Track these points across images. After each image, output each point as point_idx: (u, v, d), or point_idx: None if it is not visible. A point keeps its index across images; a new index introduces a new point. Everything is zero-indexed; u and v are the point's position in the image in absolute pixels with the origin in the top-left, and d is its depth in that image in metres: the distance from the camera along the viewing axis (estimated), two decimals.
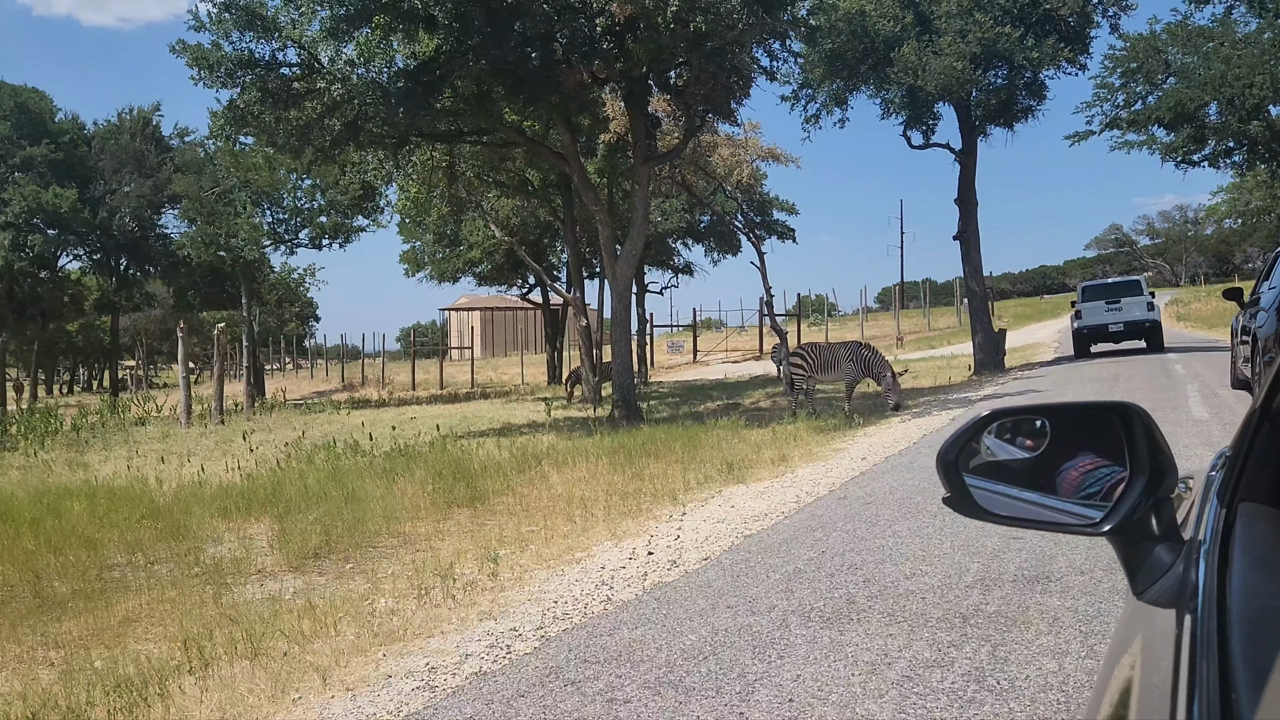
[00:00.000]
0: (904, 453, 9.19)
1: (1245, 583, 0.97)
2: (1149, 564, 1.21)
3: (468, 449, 12.90)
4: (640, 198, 17.73)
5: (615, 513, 8.20)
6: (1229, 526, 1.13)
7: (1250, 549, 1.04)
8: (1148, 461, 1.27)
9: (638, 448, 11.61)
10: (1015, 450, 1.53)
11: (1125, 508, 1.25)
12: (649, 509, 8.19)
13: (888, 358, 37.09)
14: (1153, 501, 1.25)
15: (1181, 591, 1.08)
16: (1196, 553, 1.13)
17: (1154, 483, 1.25)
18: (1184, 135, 28.22)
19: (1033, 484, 1.45)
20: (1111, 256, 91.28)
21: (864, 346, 15.61)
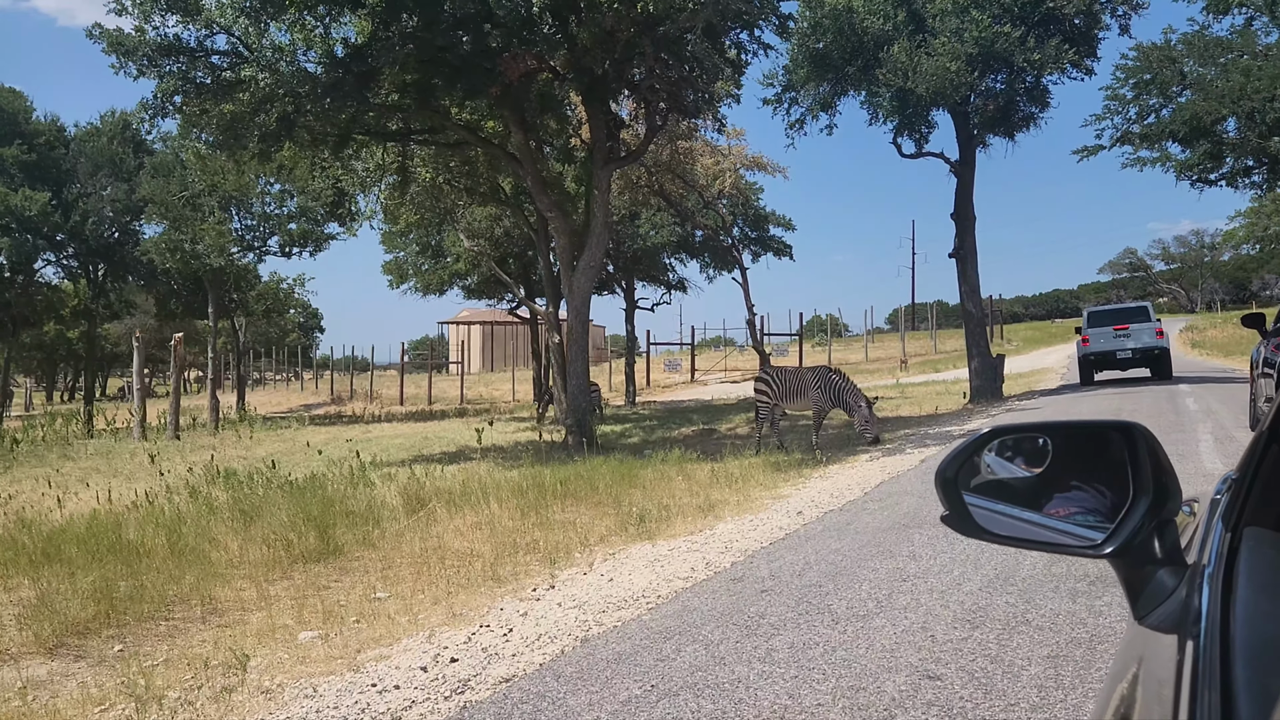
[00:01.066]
0: (848, 507, 7.55)
1: (1250, 609, 0.95)
2: (1151, 588, 1.19)
3: (374, 481, 11.31)
4: (600, 204, 16.17)
5: (480, 578, 6.61)
6: (1233, 551, 1.11)
7: (1255, 575, 1.03)
8: (1151, 482, 1.25)
9: (560, 486, 10.01)
10: (1016, 468, 1.49)
11: (1128, 530, 1.23)
12: (520, 575, 6.59)
13: (889, 380, 35.34)
14: (1156, 524, 1.23)
15: (1184, 617, 1.06)
16: (1200, 577, 1.11)
17: (1157, 504, 1.24)
18: (1200, 152, 26.53)
19: (1034, 503, 1.40)
20: (1126, 281, 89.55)
21: (834, 372, 13.88)
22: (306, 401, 51.17)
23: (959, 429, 13.98)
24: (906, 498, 7.62)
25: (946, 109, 19.37)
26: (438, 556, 7.57)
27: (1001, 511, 1.39)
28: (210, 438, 26.49)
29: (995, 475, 1.48)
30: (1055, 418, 13.27)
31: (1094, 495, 1.37)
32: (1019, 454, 1.52)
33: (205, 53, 15.42)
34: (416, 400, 45.43)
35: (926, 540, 5.74)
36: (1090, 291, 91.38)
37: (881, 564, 5.19)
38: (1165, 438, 10.73)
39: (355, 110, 16.17)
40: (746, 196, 37.45)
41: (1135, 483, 1.27)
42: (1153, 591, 1.18)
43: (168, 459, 19.42)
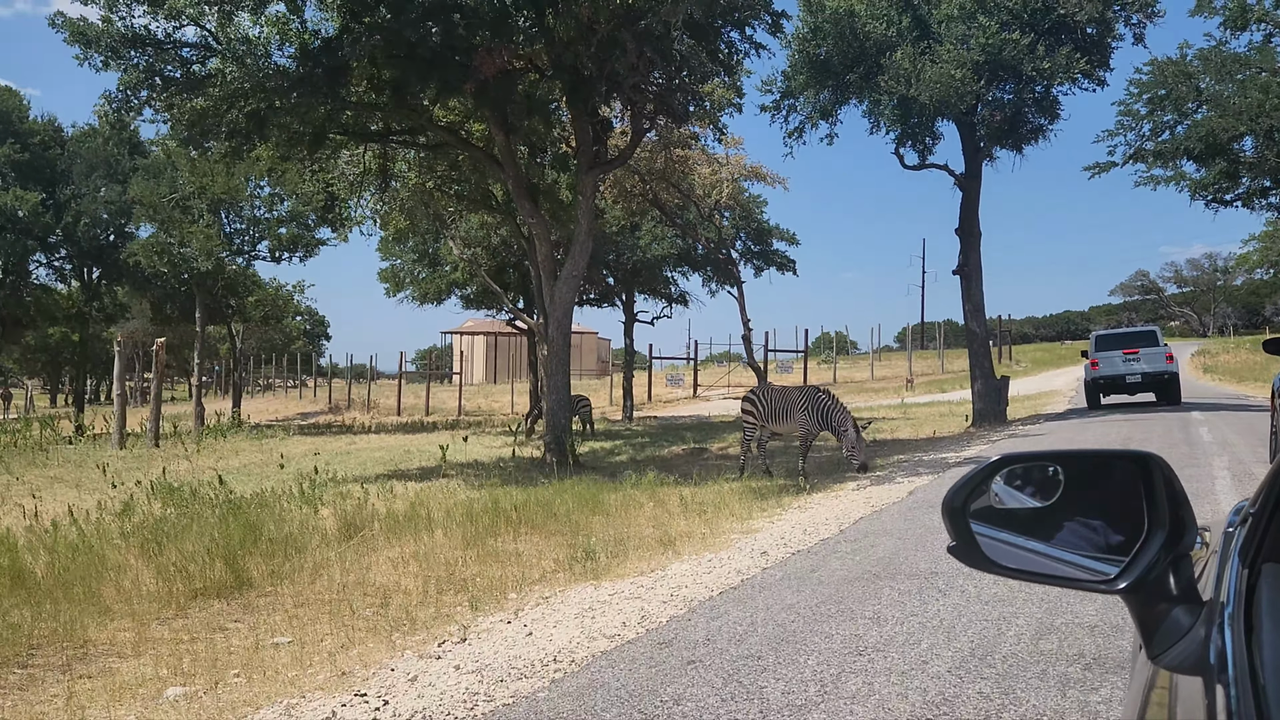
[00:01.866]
0: (818, 548, 6.69)
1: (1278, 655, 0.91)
2: (1166, 626, 1.15)
3: (321, 501, 10.50)
4: (584, 210, 15.40)
5: (394, 621, 5.79)
6: (1252, 588, 1.08)
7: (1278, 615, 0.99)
8: (1167, 516, 1.21)
9: (515, 512, 9.19)
10: (1026, 498, 1.44)
11: (1142, 564, 1.20)
12: (437, 620, 5.77)
13: (894, 400, 34.47)
14: (1171, 559, 1.19)
15: (1203, 658, 1.04)
16: (1220, 617, 1.08)
17: (1173, 539, 1.20)
18: (1216, 171, 25.68)
19: (1044, 534, 1.36)
20: (1138, 304, 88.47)
21: (821, 392, 12.80)
22: (304, 410, 50.52)
23: (956, 455, 13.11)
24: (884, 539, 6.77)
25: (952, 119, 18.56)
26: (360, 592, 6.76)
27: (1010, 543, 1.35)
28: (191, 446, 25.84)
29: (1004, 505, 1.43)
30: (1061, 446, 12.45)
31: (1106, 528, 1.32)
32: (1029, 483, 1.47)
33: (174, 45, 14.76)
34: (415, 410, 44.73)
35: (896, 598, 4.89)
36: (1101, 314, 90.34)
37: (838, 629, 4.35)
38: (1180, 472, 9.79)
39: (330, 108, 15.47)
40: (749, 209, 36.71)
41: (1150, 516, 1.24)
42: (1168, 629, 1.15)
43: (134, 469, 18.72)
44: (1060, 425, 17.24)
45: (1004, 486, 1.46)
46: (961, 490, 1.35)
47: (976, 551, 1.32)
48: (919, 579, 5.27)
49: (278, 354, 70.64)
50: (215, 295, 33.95)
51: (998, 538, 1.35)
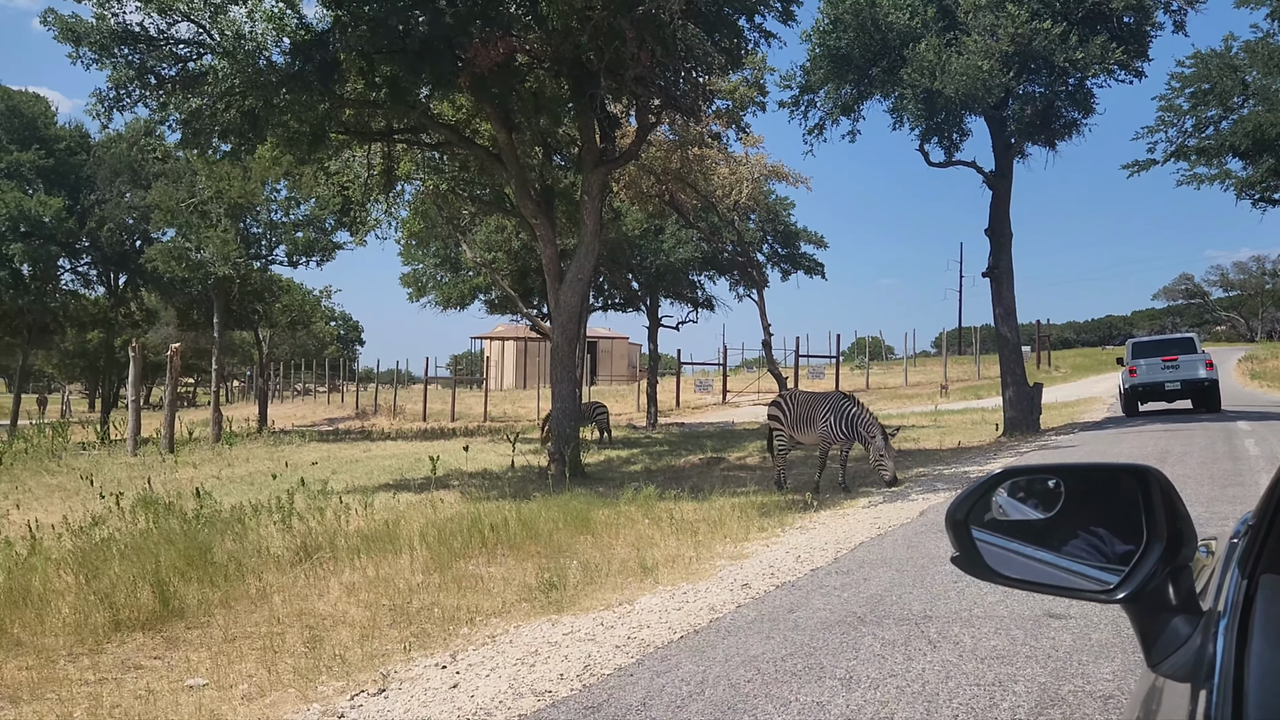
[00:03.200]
0: (804, 581, 5.93)
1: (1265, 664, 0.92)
2: (1166, 635, 1.18)
3: (299, 515, 9.91)
4: (590, 210, 14.74)
5: (322, 663, 5.15)
6: (1249, 599, 1.09)
7: (1271, 625, 1.00)
8: (1165, 527, 1.23)
9: (492, 532, 8.54)
10: (1028, 510, 1.47)
11: (1141, 575, 1.22)
12: (367, 663, 5.12)
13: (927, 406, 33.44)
14: (1170, 570, 1.21)
15: (1198, 666, 1.05)
16: (1215, 626, 1.10)
17: (1172, 550, 1.22)
18: (1263, 168, 24.48)
19: (1046, 545, 1.38)
20: (1182, 308, 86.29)
21: (846, 399, 11.92)
22: (331, 415, 50.42)
23: (979, 469, 12.25)
24: (881, 570, 6.00)
25: (980, 114, 17.67)
26: (303, 624, 6.13)
27: (1013, 553, 1.36)
28: (204, 453, 25.62)
29: (1007, 516, 1.44)
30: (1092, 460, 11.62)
31: (1107, 539, 1.33)
32: (1031, 495, 1.48)
33: (166, 41, 14.33)
34: (441, 416, 44.40)
35: (877, 650, 4.15)
36: (1144, 318, 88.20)
37: (799, 693, 3.62)
38: (1222, 492, 8.99)
39: (329, 106, 14.98)
40: (775, 211, 35.87)
41: (1149, 527, 1.26)
42: (1167, 639, 1.17)
43: (141, 478, 18.40)
44: (1095, 436, 16.28)
45: (1007, 498, 1.47)
46: (965, 502, 1.37)
47: (979, 562, 1.34)
48: (909, 625, 4.52)
49: (311, 359, 70.73)
50: (234, 300, 33.74)
51: (1000, 549, 1.36)
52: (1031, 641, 4.08)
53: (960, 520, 1.36)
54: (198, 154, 16.61)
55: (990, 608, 4.75)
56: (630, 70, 12.01)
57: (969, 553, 1.35)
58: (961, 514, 1.37)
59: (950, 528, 1.36)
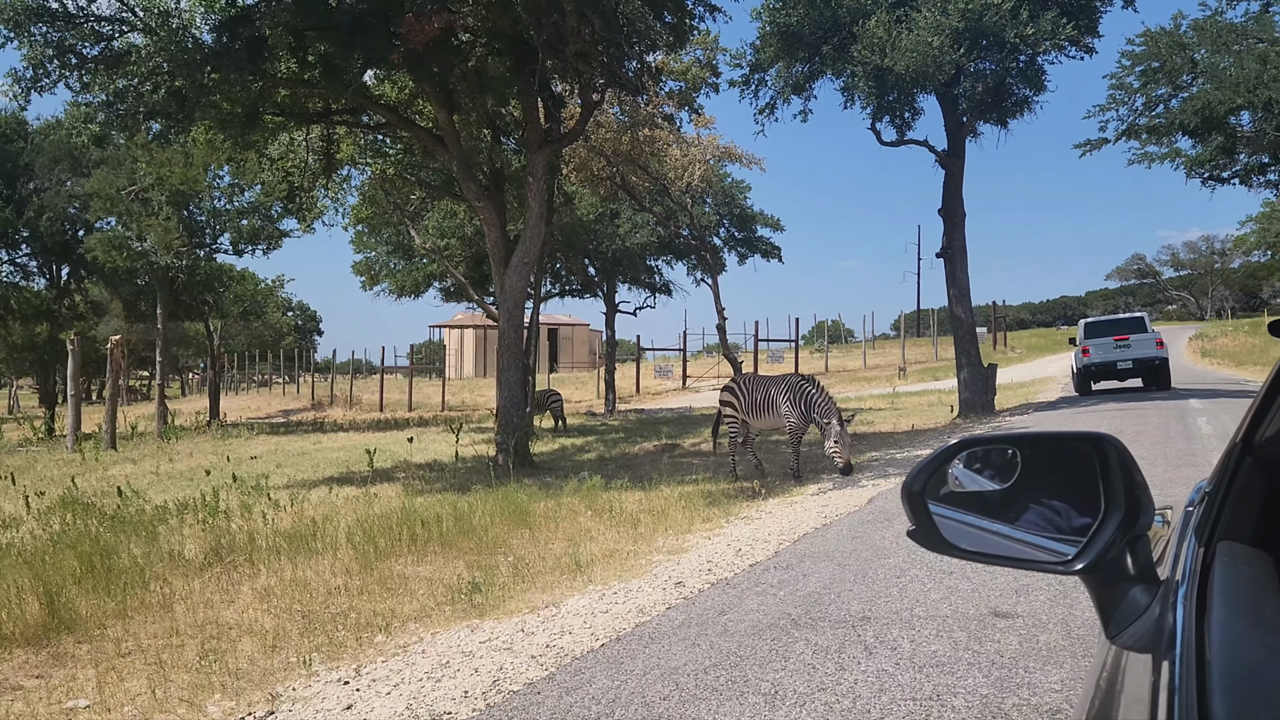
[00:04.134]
0: (739, 578, 5.58)
1: (1226, 632, 0.92)
2: (1124, 605, 1.17)
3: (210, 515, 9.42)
4: (535, 192, 14.28)
5: (216, 680, 4.73)
6: (1207, 567, 1.09)
7: (1230, 594, 1.00)
8: (1123, 496, 1.22)
9: (422, 529, 8.13)
10: (985, 481, 1.45)
11: (1099, 545, 1.20)
12: (265, 678, 4.71)
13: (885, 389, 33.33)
14: (1128, 539, 1.20)
15: (1158, 636, 1.04)
16: (1174, 595, 1.09)
17: (1130, 519, 1.21)
18: (1212, 146, 24.58)
19: (1003, 517, 1.36)
20: (1135, 288, 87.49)
21: (805, 380, 11.25)
22: (287, 407, 49.47)
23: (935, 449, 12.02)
24: (822, 564, 5.69)
25: (932, 92, 17.43)
26: (204, 636, 5.69)
27: (970, 526, 1.34)
28: (148, 448, 24.90)
29: (964, 488, 1.42)
30: None
31: (1065, 509, 1.32)
32: (988, 466, 1.46)
33: (87, 18, 13.64)
34: (398, 406, 43.68)
35: (809, 659, 3.81)
36: (1098, 298, 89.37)
37: (720, 713, 3.27)
38: (1176, 473, 8.79)
39: (262, 86, 14.38)
40: (731, 194, 35.57)
41: (1107, 497, 1.24)
42: (1126, 609, 1.16)
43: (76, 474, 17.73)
44: (1049, 416, 16.17)
45: (964, 470, 1.45)
46: (920, 474, 1.34)
47: (935, 535, 1.31)
48: (845, 628, 4.19)
49: (268, 350, 69.41)
50: (180, 291, 32.80)
51: (957, 521, 1.33)
52: (975, 645, 3.77)
53: (916, 493, 1.32)
54: (127, 137, 15.91)
55: (933, 606, 4.45)
56: (571, 45, 11.56)
57: (925, 526, 1.32)
58: (918, 486, 1.33)
59: (906, 500, 1.32)
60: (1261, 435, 1.14)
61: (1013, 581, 4.72)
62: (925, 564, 5.37)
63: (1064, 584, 4.54)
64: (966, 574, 4.98)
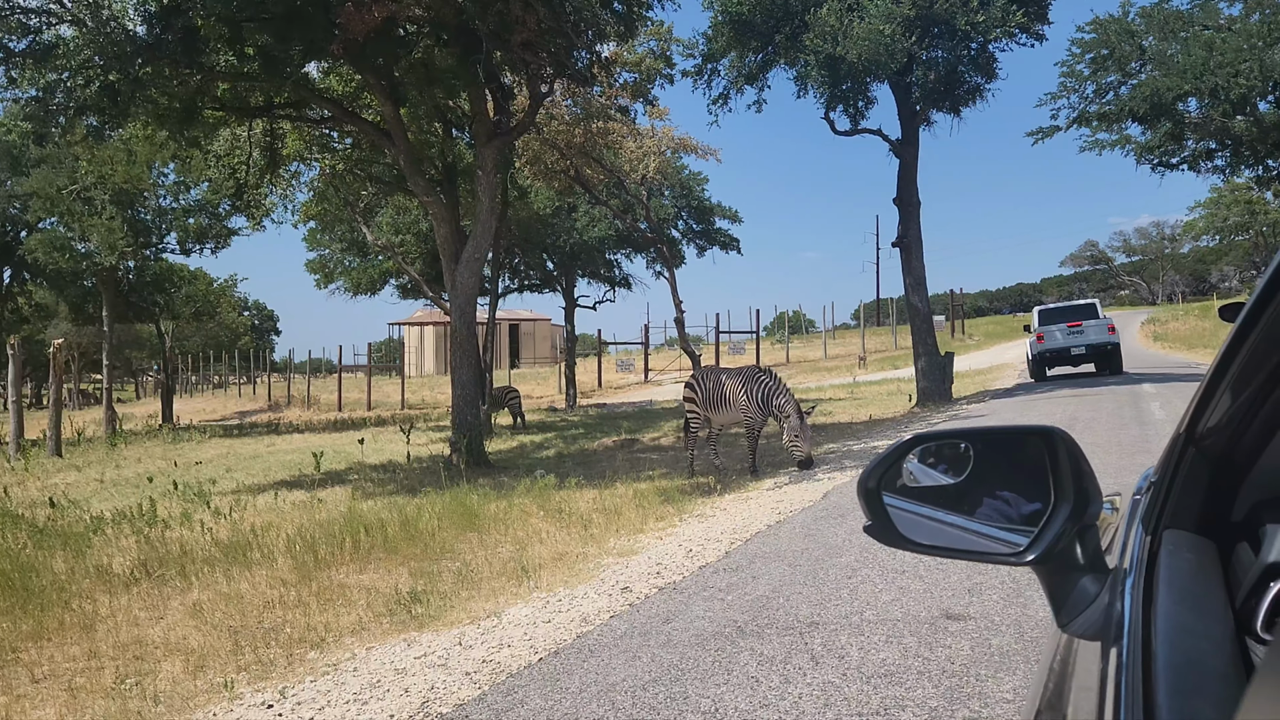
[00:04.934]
0: (688, 582, 5.38)
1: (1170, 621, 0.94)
2: (1074, 594, 1.19)
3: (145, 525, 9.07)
4: (485, 186, 13.99)
5: (132, 709, 4.45)
6: (1153, 555, 1.12)
7: (1175, 581, 1.02)
8: (1071, 487, 1.24)
9: (365, 534, 7.86)
10: (939, 475, 1.47)
11: (1049, 536, 1.23)
12: (182, 706, 4.43)
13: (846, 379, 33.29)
14: (1077, 529, 1.22)
15: (1107, 624, 1.07)
16: (1122, 584, 1.12)
17: (1079, 510, 1.23)
18: (1161, 133, 24.85)
19: (957, 510, 1.39)
20: (1088, 274, 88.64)
21: (762, 372, 10.87)
22: (244, 408, 48.61)
23: (890, 443, 11.93)
24: (773, 565, 5.51)
25: (885, 81, 17.36)
26: (128, 657, 5.40)
27: (925, 520, 1.37)
28: (95, 454, 24.28)
29: (919, 483, 1.44)
30: None
31: (1017, 501, 1.34)
32: (942, 461, 1.48)
33: (13, 10, 13.14)
34: (358, 405, 43.05)
35: (752, 671, 3.63)
36: (1053, 285, 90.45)
37: None
38: (1130, 460, 8.74)
39: (200, 79, 13.95)
40: (689, 187, 35.38)
41: (1056, 488, 1.27)
42: (1076, 598, 1.18)
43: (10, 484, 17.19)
44: (1005, 404, 16.18)
45: (918, 465, 1.46)
46: (876, 469, 1.36)
47: (891, 530, 1.34)
48: (792, 635, 4.02)
49: (224, 350, 68.18)
50: (126, 292, 32.05)
51: (913, 515, 1.36)
52: (925, 652, 3.61)
53: (872, 488, 1.35)
54: (58, 134, 15.37)
55: (884, 609, 4.29)
56: (517, 35, 11.29)
57: (881, 521, 1.34)
58: (873, 482, 1.35)
59: (862, 496, 1.35)
60: (1204, 425, 1.14)
61: (965, 580, 4.58)
62: (878, 562, 5.22)
63: (1017, 582, 4.41)
64: (919, 572, 4.84)
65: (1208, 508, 1.17)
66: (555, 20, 11.11)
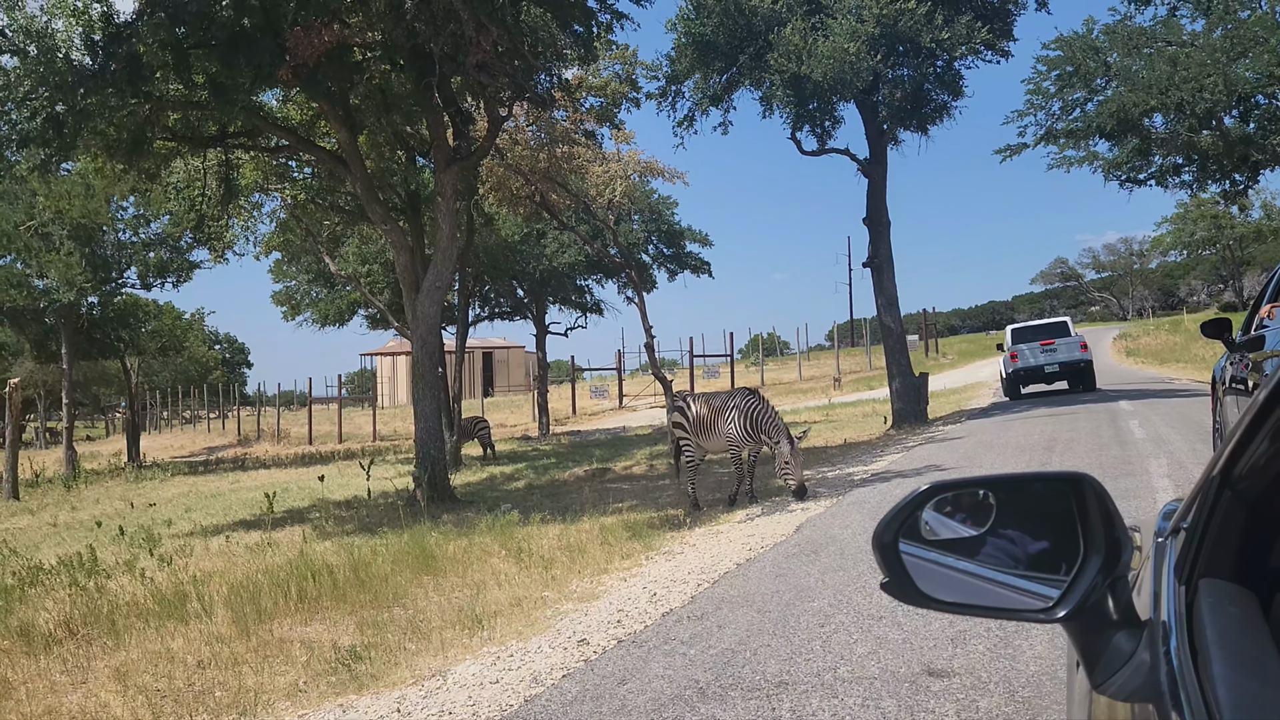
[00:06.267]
0: (650, 631, 4.98)
1: (1234, 690, 0.88)
2: (1109, 653, 1.14)
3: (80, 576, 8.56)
4: (444, 213, 13.61)
5: None
6: (1190, 605, 1.07)
7: (1226, 640, 0.96)
8: (1103, 537, 1.19)
9: (312, 581, 7.40)
10: (959, 526, 1.40)
11: (1080, 590, 1.17)
12: None
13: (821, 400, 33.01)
14: (1109, 581, 1.17)
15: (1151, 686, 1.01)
16: (1165, 642, 1.05)
17: (1110, 561, 1.18)
18: (1128, 149, 24.87)
19: (979, 563, 1.32)
20: (1059, 291, 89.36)
21: (752, 395, 10.24)
22: (213, 444, 47.76)
23: (864, 470, 11.58)
24: (740, 612, 5.12)
25: (851, 100, 17.19)
26: None
27: (945, 574, 1.31)
28: (55, 495, 23.64)
29: (937, 535, 1.37)
30: (981, 450, 11.02)
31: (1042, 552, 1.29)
32: (960, 510, 1.40)
33: None
34: (328, 439, 42.39)
35: None
36: (1024, 302, 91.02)
37: None
38: (1114, 484, 8.37)
39: (150, 109, 13.54)
40: (658, 211, 35.17)
41: (1085, 539, 1.22)
42: (1110, 657, 1.13)
43: None
44: (981, 425, 15.91)
45: (935, 515, 1.39)
46: (892, 522, 1.32)
47: (910, 586, 1.29)
48: (758, 698, 3.62)
49: (194, 385, 67.21)
50: (89, 328, 31.35)
51: (932, 570, 1.30)
52: (905, 717, 3.23)
53: (888, 543, 1.29)
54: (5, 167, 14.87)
55: (859, 664, 3.90)
56: (471, 57, 10.96)
57: (899, 577, 1.28)
58: (889, 536, 1.30)
59: (877, 551, 1.29)
60: (1241, 468, 1.10)
61: (949, 628, 4.21)
62: (852, 608, 4.84)
63: (1005, 630, 4.05)
64: (897, 619, 4.46)
65: (1244, 555, 1.12)
66: (511, 42, 10.80)
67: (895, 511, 1.32)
